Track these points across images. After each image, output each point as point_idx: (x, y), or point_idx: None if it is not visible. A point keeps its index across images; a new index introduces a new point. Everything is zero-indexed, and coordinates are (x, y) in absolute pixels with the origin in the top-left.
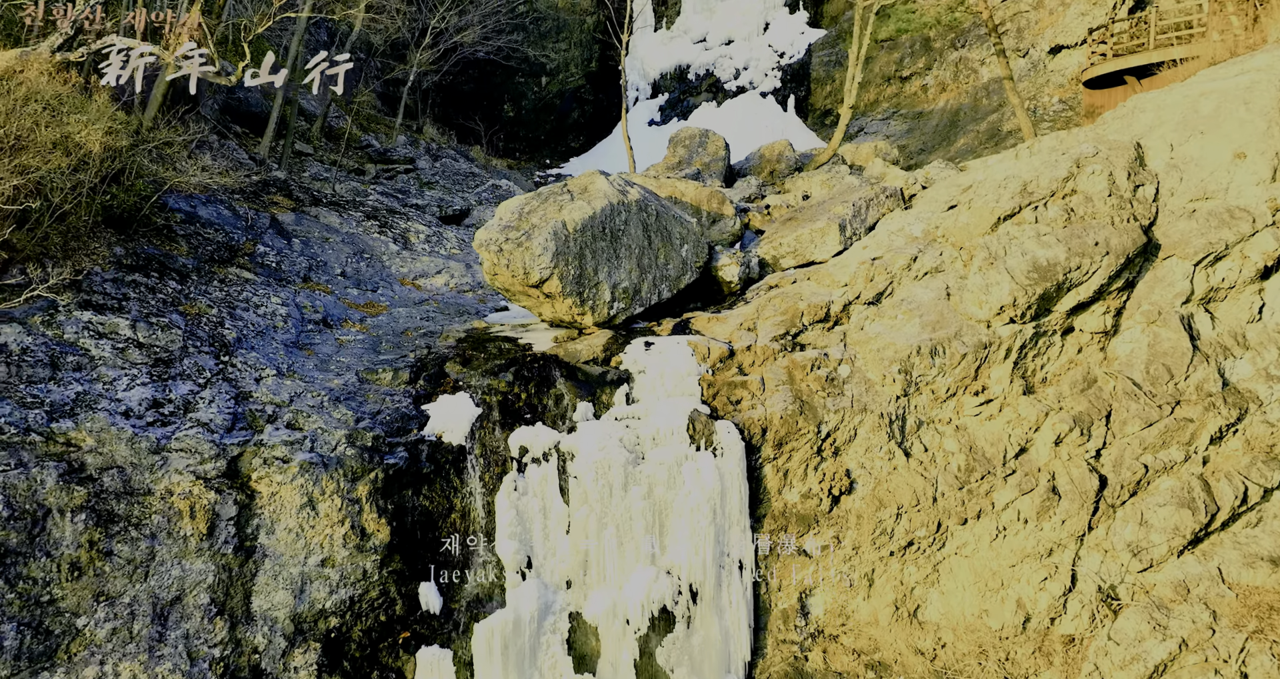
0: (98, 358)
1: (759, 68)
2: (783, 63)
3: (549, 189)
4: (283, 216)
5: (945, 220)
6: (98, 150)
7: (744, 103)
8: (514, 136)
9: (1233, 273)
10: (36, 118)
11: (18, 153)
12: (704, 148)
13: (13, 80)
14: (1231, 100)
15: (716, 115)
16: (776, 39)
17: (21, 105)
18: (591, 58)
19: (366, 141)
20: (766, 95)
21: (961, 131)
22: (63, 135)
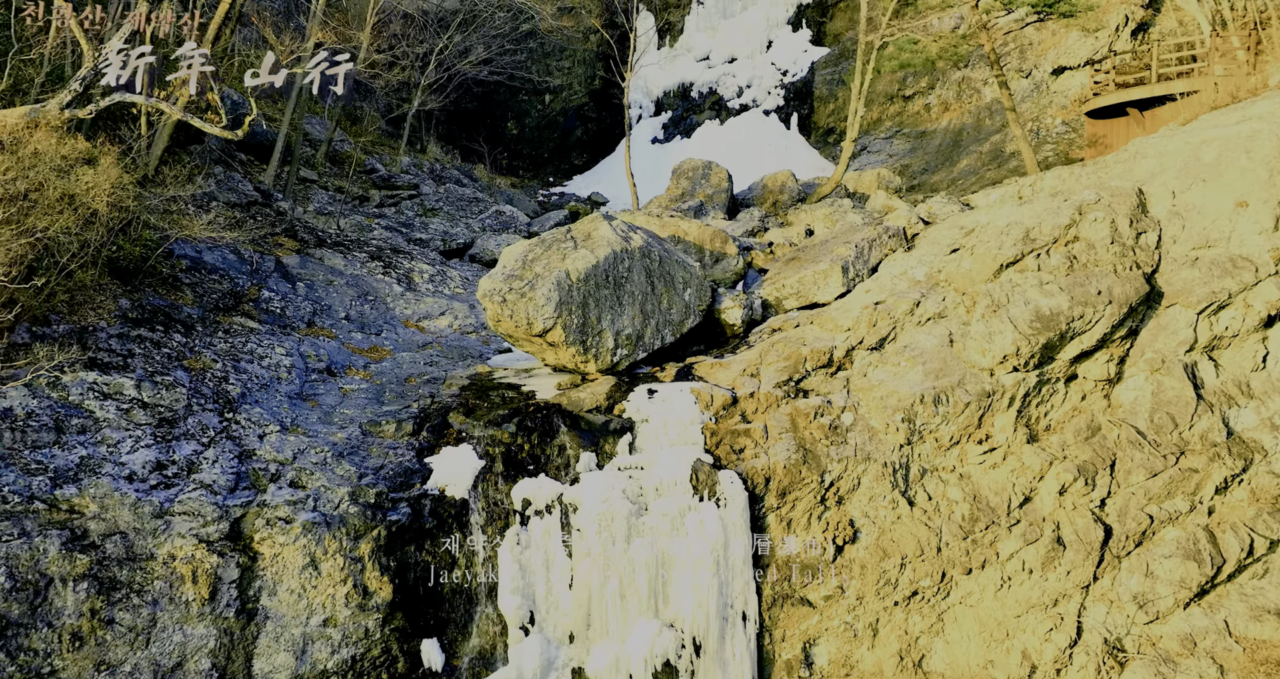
0: (102, 420)
1: (762, 86)
2: (786, 81)
3: (552, 235)
4: (287, 259)
5: (948, 264)
6: (105, 211)
7: (747, 121)
8: (517, 154)
9: (1236, 322)
10: (45, 178)
11: (25, 216)
12: (707, 179)
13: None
14: (1233, 149)
15: (719, 134)
16: (779, 57)
17: (30, 167)
18: (595, 75)
19: (371, 165)
20: (769, 113)
21: (964, 152)
22: (70, 196)
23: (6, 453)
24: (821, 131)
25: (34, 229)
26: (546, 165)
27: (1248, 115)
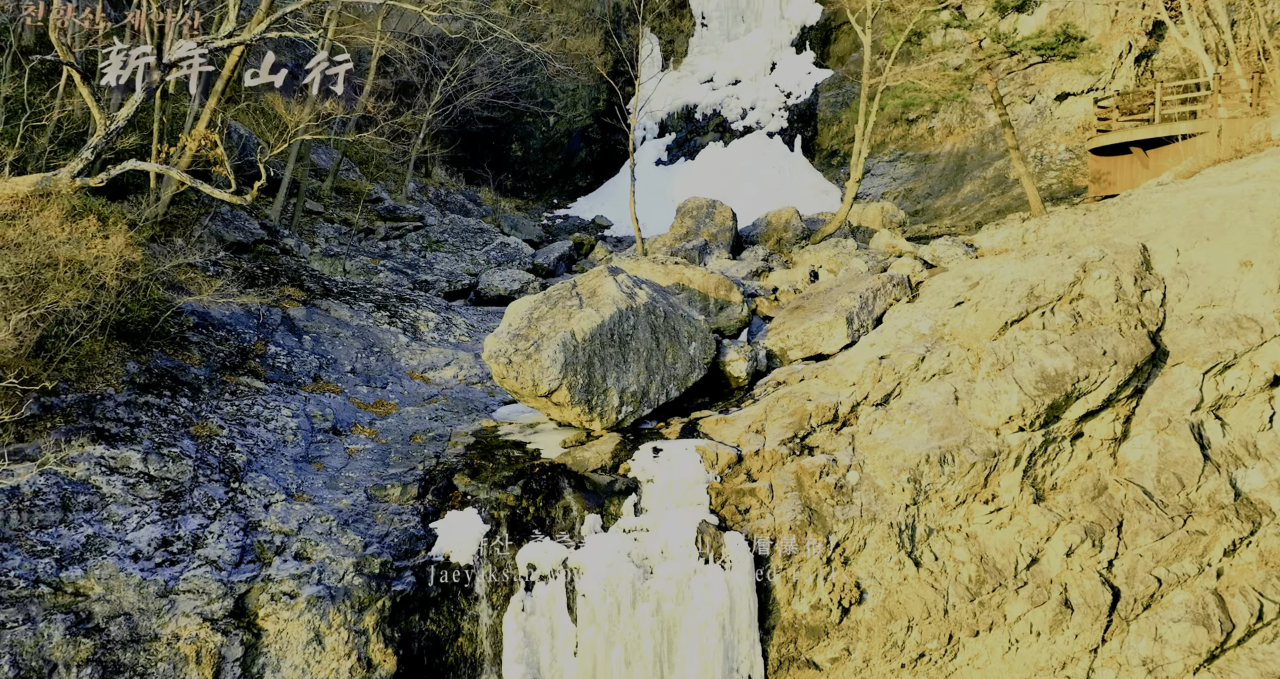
0: (109, 496)
1: (766, 108)
2: (789, 103)
3: (558, 292)
4: (294, 311)
5: (953, 318)
6: (114, 283)
7: (751, 143)
8: (522, 175)
9: (1242, 381)
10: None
11: (37, 294)
12: (711, 218)
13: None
14: (1237, 208)
15: (723, 155)
16: (783, 79)
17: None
18: (599, 97)
19: (376, 195)
20: (773, 135)
21: (968, 177)
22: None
23: (13, 535)
24: (825, 153)
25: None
26: (550, 187)
27: (1250, 173)
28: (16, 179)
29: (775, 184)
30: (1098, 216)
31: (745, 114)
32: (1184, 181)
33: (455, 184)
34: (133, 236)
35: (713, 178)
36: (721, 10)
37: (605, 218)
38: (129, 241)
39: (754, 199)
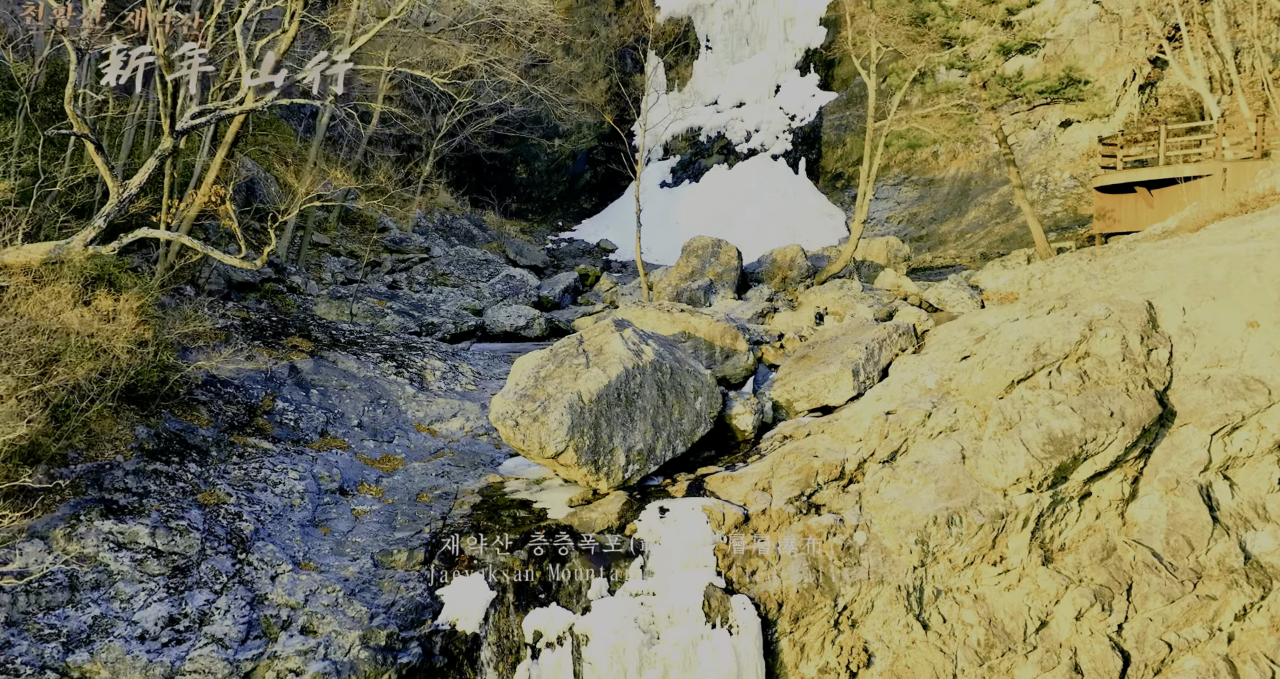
0: (116, 573)
1: (770, 130)
2: (794, 125)
3: (564, 348)
4: (301, 364)
5: (959, 373)
6: (125, 357)
7: (755, 165)
8: (526, 198)
9: (1250, 443)
10: (68, 329)
11: (50, 370)
12: (716, 258)
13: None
14: (1242, 267)
15: (728, 178)
16: (788, 101)
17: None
18: (603, 119)
19: (383, 224)
20: (778, 158)
21: (973, 203)
22: (94, 348)
23: (21, 618)
24: (829, 176)
25: (58, 380)
26: (555, 208)
27: (1255, 231)
28: (30, 246)
29: (779, 208)
30: (1103, 267)
31: (750, 136)
32: (1190, 236)
33: (460, 207)
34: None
35: (717, 201)
36: (726, 33)
37: (610, 241)
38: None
39: (758, 223)
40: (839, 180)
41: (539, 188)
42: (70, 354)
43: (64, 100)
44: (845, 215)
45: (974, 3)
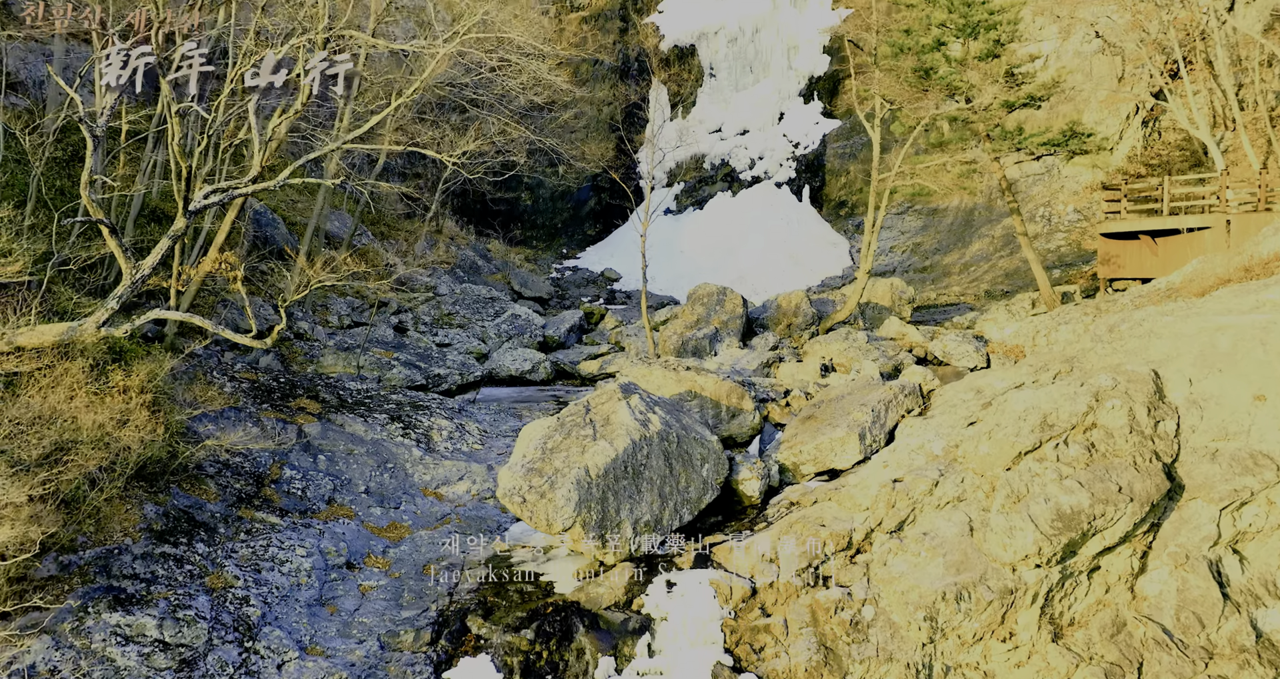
0: (124, 669)
1: (774, 158)
2: (798, 153)
3: (572, 417)
4: (309, 428)
5: (965, 441)
6: (137, 446)
7: (759, 193)
8: (531, 225)
9: (1259, 518)
10: (79, 420)
11: (60, 459)
12: (721, 305)
13: (59, 366)
14: (1248, 340)
15: (732, 206)
16: (791, 129)
17: (67, 403)
18: (608, 146)
19: (389, 261)
20: (781, 185)
21: (976, 234)
22: (104, 439)
23: None
24: (833, 204)
25: (69, 472)
26: (559, 235)
27: (1261, 301)
28: (44, 328)
29: (783, 236)
30: (1107, 328)
31: (753, 164)
32: (1195, 302)
33: (465, 237)
34: (155, 381)
35: (721, 229)
36: (730, 61)
37: (614, 271)
38: (151, 395)
39: (762, 252)
40: (842, 208)
41: (543, 214)
42: (83, 448)
43: (80, 186)
44: (849, 244)
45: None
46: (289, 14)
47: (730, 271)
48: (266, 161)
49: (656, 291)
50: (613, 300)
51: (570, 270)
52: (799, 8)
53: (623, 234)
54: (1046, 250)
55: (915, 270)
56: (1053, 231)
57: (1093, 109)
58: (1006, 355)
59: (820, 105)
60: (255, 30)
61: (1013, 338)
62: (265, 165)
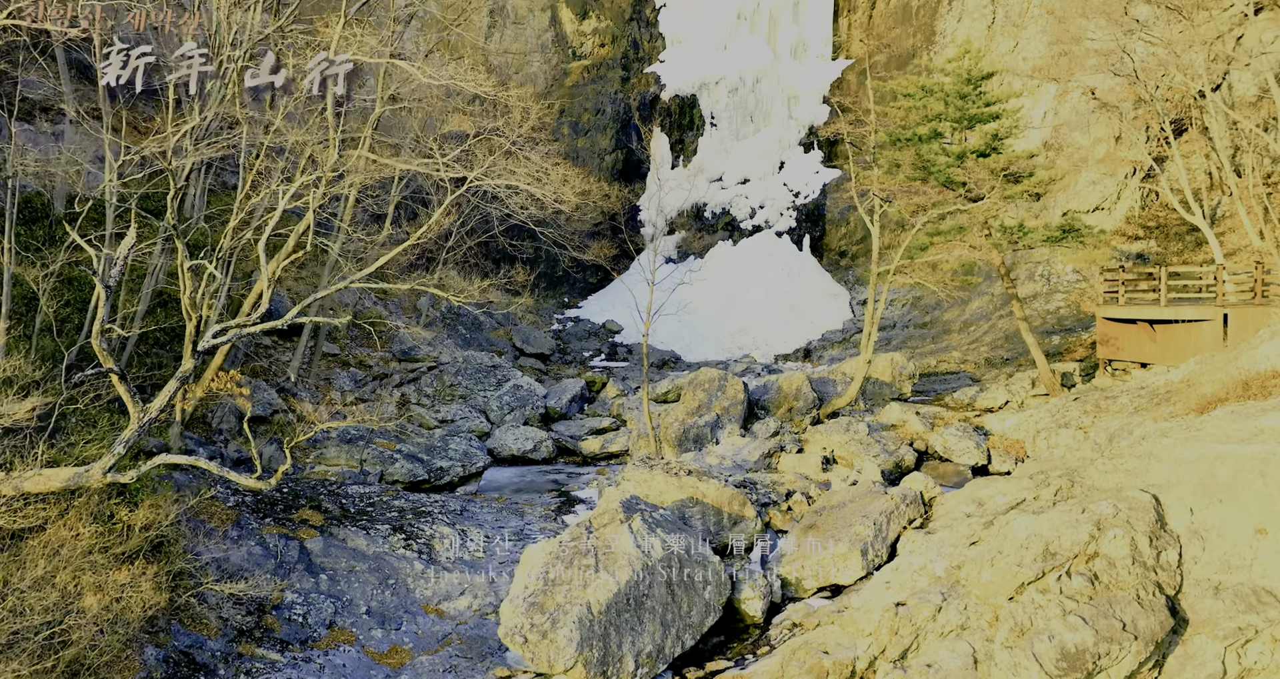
0: None
1: (774, 207)
2: (798, 202)
3: (573, 544)
4: (311, 544)
5: (968, 563)
6: (140, 612)
7: (760, 242)
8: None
9: (1264, 656)
10: (83, 586)
11: (65, 625)
12: (723, 392)
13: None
14: (1248, 471)
15: (732, 255)
16: (791, 178)
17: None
18: (610, 194)
19: (391, 326)
20: (782, 235)
21: (976, 292)
22: (109, 615)
23: None
24: (834, 254)
25: (71, 653)
26: (561, 283)
27: (1260, 429)
28: (50, 472)
29: (784, 287)
30: (1108, 438)
31: (754, 213)
32: (1194, 420)
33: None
34: (161, 524)
35: (722, 279)
36: (730, 110)
37: (615, 323)
38: (154, 548)
39: (762, 304)
40: (843, 258)
41: (546, 262)
42: (86, 628)
43: (92, 337)
44: (849, 295)
45: (972, 155)
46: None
47: (731, 323)
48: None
49: (657, 344)
50: (614, 355)
51: (572, 321)
52: (799, 58)
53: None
54: (1046, 311)
55: (915, 325)
56: (1052, 292)
57: (1090, 168)
58: (1007, 452)
59: (820, 154)
60: (257, 158)
61: (1013, 431)
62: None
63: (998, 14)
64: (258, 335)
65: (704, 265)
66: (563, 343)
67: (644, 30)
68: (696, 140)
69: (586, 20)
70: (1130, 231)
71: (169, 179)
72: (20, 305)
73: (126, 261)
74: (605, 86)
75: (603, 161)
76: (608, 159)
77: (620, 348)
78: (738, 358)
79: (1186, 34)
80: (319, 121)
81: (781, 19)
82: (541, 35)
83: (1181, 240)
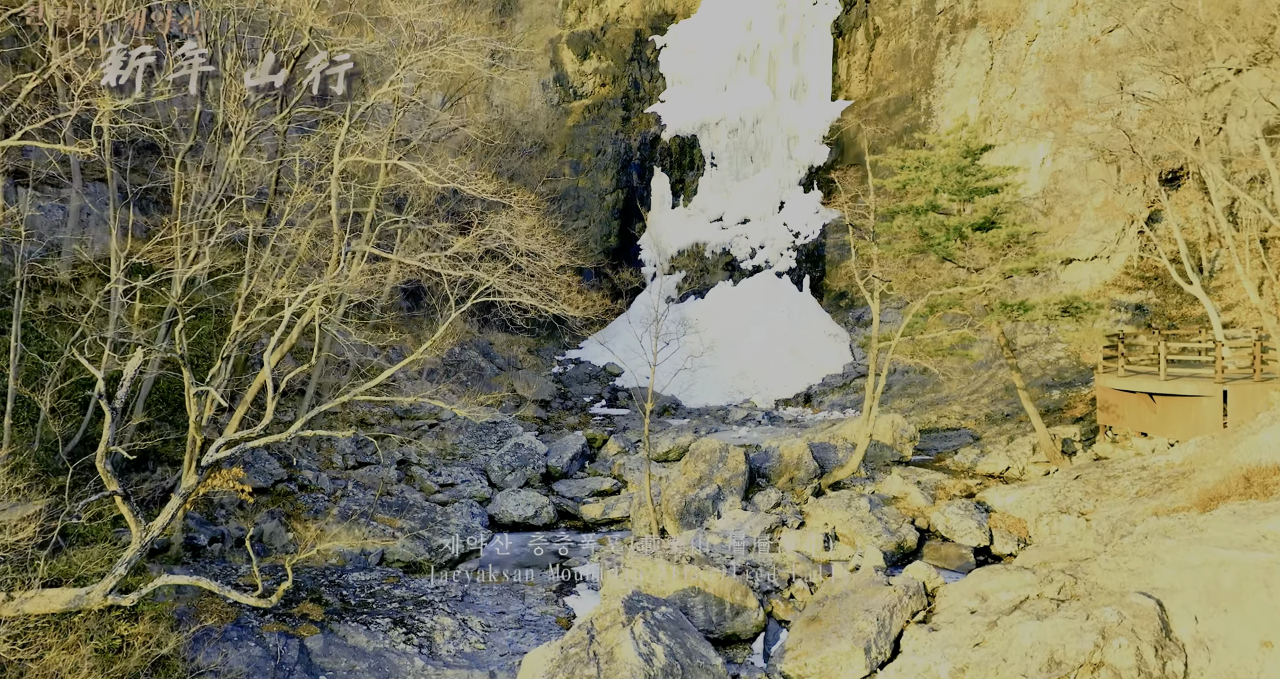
0: None
1: (774, 247)
2: (798, 243)
3: (576, 650)
4: (311, 642)
5: (972, 666)
6: None
7: (760, 282)
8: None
9: None
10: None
11: None
12: (724, 463)
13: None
14: (1252, 580)
15: (732, 295)
16: (791, 218)
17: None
18: (610, 233)
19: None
20: (782, 275)
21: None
22: None
23: None
24: (834, 294)
25: None
26: (562, 324)
27: (1263, 534)
28: (51, 593)
29: (784, 329)
30: (1110, 528)
31: (754, 253)
32: (1197, 521)
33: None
34: (162, 642)
35: (723, 320)
36: (730, 151)
37: (616, 366)
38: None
39: (763, 345)
40: (843, 300)
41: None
42: None
43: (96, 460)
44: (849, 337)
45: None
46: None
47: (732, 366)
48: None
49: (657, 389)
50: (614, 401)
51: (573, 363)
52: (799, 99)
53: (625, 321)
54: (1045, 362)
55: (916, 371)
56: (1051, 341)
57: (1089, 215)
58: (1009, 531)
59: (819, 194)
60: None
61: (1015, 508)
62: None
63: (996, 60)
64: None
65: (705, 305)
66: (563, 386)
67: (644, 70)
68: (697, 180)
69: (587, 60)
70: (1128, 283)
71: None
72: (21, 409)
73: (133, 381)
74: (606, 127)
75: (604, 201)
76: (608, 198)
77: (621, 392)
78: (738, 403)
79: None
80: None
81: (781, 60)
82: (543, 75)
83: (1180, 293)
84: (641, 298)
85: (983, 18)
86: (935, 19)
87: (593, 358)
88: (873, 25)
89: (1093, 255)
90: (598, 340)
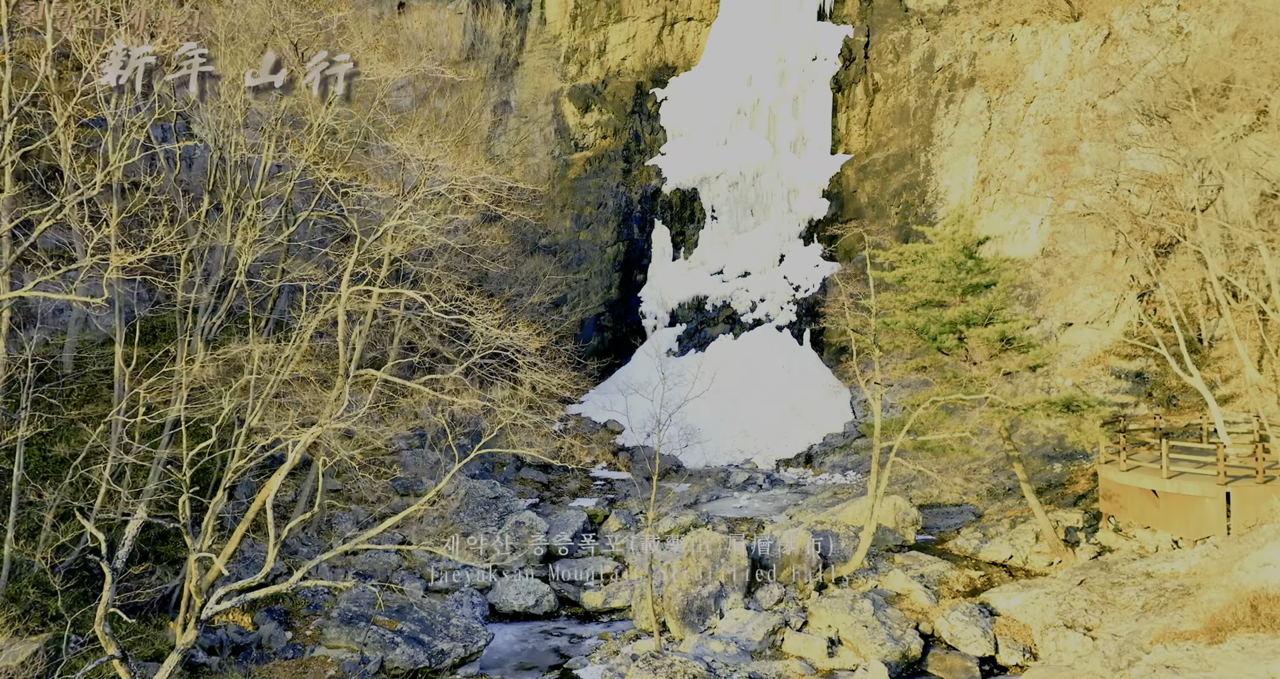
0: None
1: (775, 300)
2: (798, 296)
3: None
4: None
5: None
6: None
7: (760, 336)
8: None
9: None
10: None
11: None
12: (726, 558)
13: None
14: None
15: (733, 348)
16: (792, 271)
17: None
18: (612, 285)
19: (392, 460)
20: (782, 329)
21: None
22: None
23: None
24: (834, 349)
25: None
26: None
27: (1274, 674)
28: None
29: (785, 385)
30: (1117, 651)
31: (755, 306)
32: (1205, 655)
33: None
34: None
35: (723, 371)
36: (731, 204)
37: (617, 423)
38: None
39: (762, 403)
40: (843, 354)
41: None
42: None
43: (95, 621)
44: (850, 393)
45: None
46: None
47: (733, 424)
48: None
49: None
50: (616, 458)
51: (574, 419)
52: (798, 153)
53: (626, 374)
54: (1047, 430)
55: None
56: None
57: (1088, 280)
58: (1014, 639)
59: (820, 247)
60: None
61: (1020, 612)
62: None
63: (994, 120)
64: (257, 476)
65: (705, 358)
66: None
67: (645, 123)
68: (698, 233)
69: (589, 113)
70: (1127, 351)
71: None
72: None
73: (134, 542)
74: (607, 179)
75: (604, 253)
76: (609, 251)
77: (622, 453)
78: (739, 463)
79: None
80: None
81: (781, 114)
82: (544, 127)
83: (1181, 361)
84: (643, 349)
85: (981, 77)
86: (934, 77)
87: (593, 413)
88: (871, 81)
89: (1091, 320)
90: (599, 392)
